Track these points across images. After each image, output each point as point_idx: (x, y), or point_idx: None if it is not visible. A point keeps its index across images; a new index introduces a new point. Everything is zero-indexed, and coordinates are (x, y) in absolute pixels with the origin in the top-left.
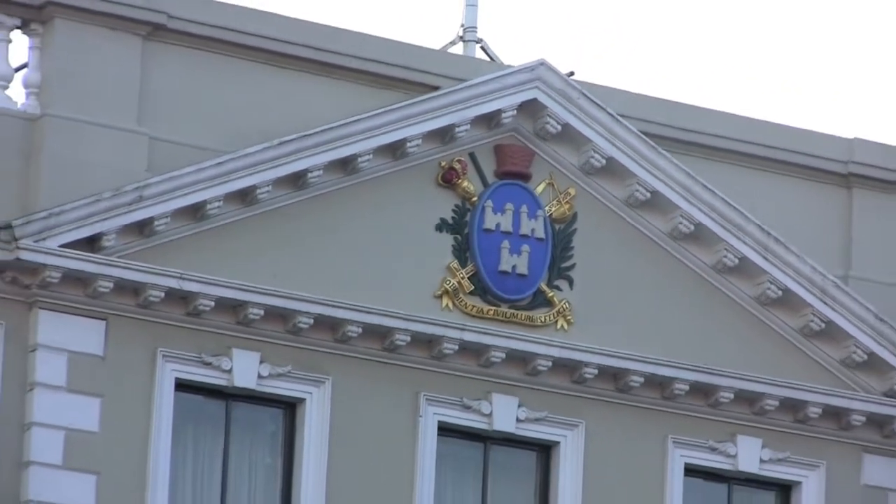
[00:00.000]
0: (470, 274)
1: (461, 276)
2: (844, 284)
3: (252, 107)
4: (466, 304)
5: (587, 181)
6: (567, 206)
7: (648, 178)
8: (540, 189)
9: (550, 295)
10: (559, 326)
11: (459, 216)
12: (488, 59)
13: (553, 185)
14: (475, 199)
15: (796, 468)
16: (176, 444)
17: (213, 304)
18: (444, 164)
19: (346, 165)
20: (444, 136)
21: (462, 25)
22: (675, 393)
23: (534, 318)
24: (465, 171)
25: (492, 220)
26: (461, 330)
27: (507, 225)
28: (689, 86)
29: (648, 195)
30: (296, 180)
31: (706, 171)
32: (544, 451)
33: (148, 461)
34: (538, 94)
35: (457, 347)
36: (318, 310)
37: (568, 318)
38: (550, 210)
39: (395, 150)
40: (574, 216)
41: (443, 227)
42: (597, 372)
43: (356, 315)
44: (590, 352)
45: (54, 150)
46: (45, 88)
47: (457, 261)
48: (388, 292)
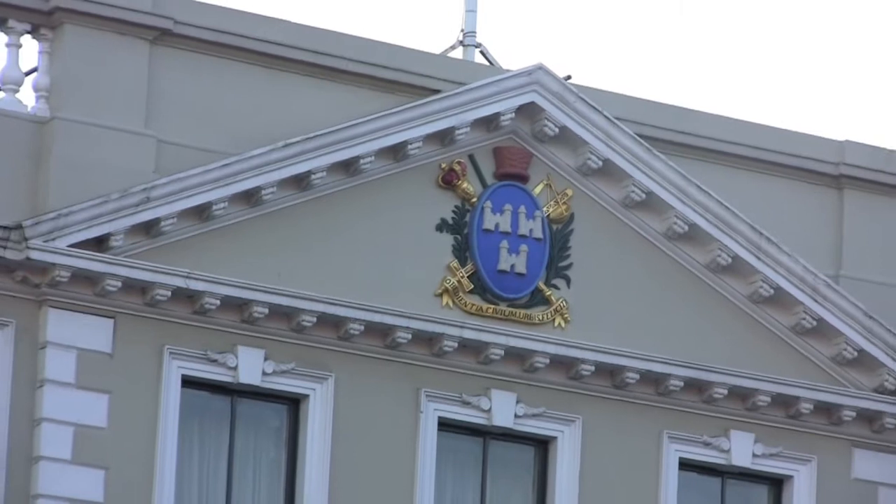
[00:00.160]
0: (469, 273)
1: (461, 275)
2: (835, 283)
3: (257, 110)
4: (466, 302)
5: (584, 182)
6: (564, 206)
7: (644, 179)
8: (538, 190)
9: (548, 293)
10: (557, 324)
11: (459, 217)
12: (487, 64)
13: (551, 187)
14: (475, 199)
15: (788, 462)
16: (182, 440)
17: (218, 302)
18: (444, 166)
19: (349, 167)
20: (444, 138)
21: (462, 30)
22: (669, 389)
23: (532, 316)
24: (465, 173)
25: (491, 221)
26: (461, 328)
27: (506, 225)
28: (684, 89)
29: (644, 196)
30: (300, 182)
31: (700, 173)
32: (542, 445)
33: (155, 456)
34: (536, 97)
35: (456, 345)
36: (322, 308)
37: (565, 316)
38: (548, 211)
39: (397, 152)
40: (571, 217)
41: (443, 227)
42: (593, 369)
43: (358, 313)
44: (586, 349)
45: (63, 152)
46: (54, 92)
47: (457, 260)
48: (390, 291)
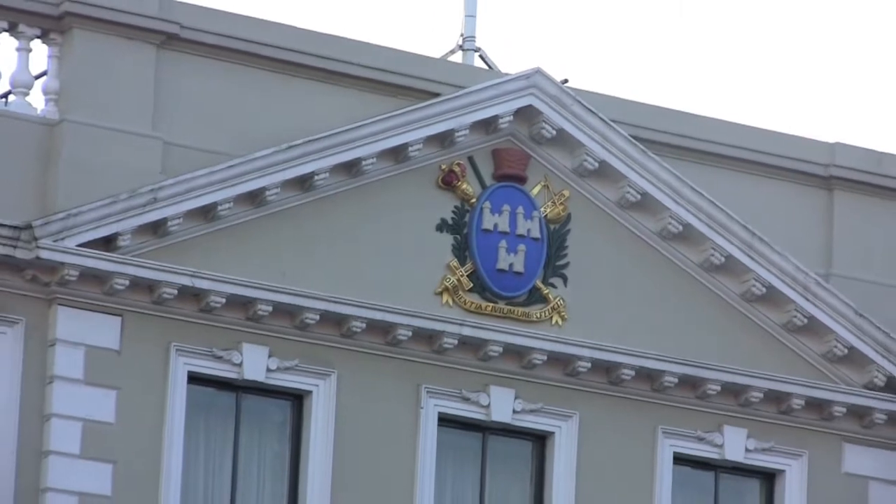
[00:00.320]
0: (469, 272)
1: (460, 273)
2: (826, 282)
3: (261, 112)
4: (465, 300)
5: (580, 183)
6: (561, 207)
7: (639, 180)
8: (535, 191)
9: (545, 292)
10: (554, 322)
11: (459, 217)
12: (486, 68)
13: (548, 188)
14: (474, 200)
15: (780, 457)
16: (188, 435)
17: (223, 300)
18: (444, 168)
19: (351, 168)
20: (444, 140)
21: (461, 35)
22: (664, 385)
23: (530, 314)
24: (464, 174)
25: (490, 221)
26: (460, 325)
27: (505, 225)
28: (678, 93)
29: (639, 197)
30: (303, 183)
31: (694, 174)
32: (540, 440)
33: (162, 450)
34: (534, 100)
35: (456, 342)
36: (325, 306)
37: (562, 314)
38: (545, 211)
39: (398, 153)
40: (568, 217)
41: (443, 227)
42: (590, 365)
43: (360, 311)
44: (583, 346)
45: (72, 154)
46: (63, 95)
47: (456, 259)
48: (391, 289)
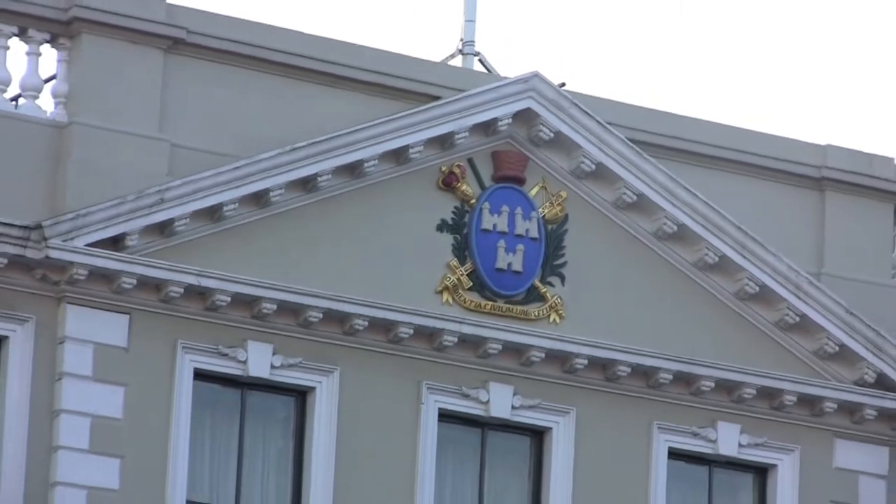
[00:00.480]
0: (468, 271)
1: (460, 273)
2: (817, 281)
3: (265, 115)
4: (465, 299)
5: (578, 185)
6: (559, 207)
7: (635, 181)
8: (534, 192)
9: (543, 291)
10: (552, 320)
11: (459, 217)
12: (485, 72)
13: (546, 189)
14: (473, 201)
15: (772, 452)
16: (195, 430)
17: (229, 299)
18: (444, 169)
19: (354, 170)
20: (444, 142)
21: (461, 40)
22: (659, 382)
23: (528, 312)
24: (464, 176)
25: (489, 221)
26: (460, 323)
27: (503, 225)
28: (673, 96)
29: (635, 198)
30: (306, 184)
31: (688, 176)
32: (538, 436)
33: (168, 445)
34: (532, 103)
35: (456, 339)
36: (327, 304)
37: (560, 312)
38: (543, 211)
39: (399, 155)
40: (565, 217)
41: (443, 227)
42: (587, 362)
43: (362, 309)
44: (580, 344)
45: (81, 155)
46: (72, 98)
47: (456, 259)
48: (393, 288)
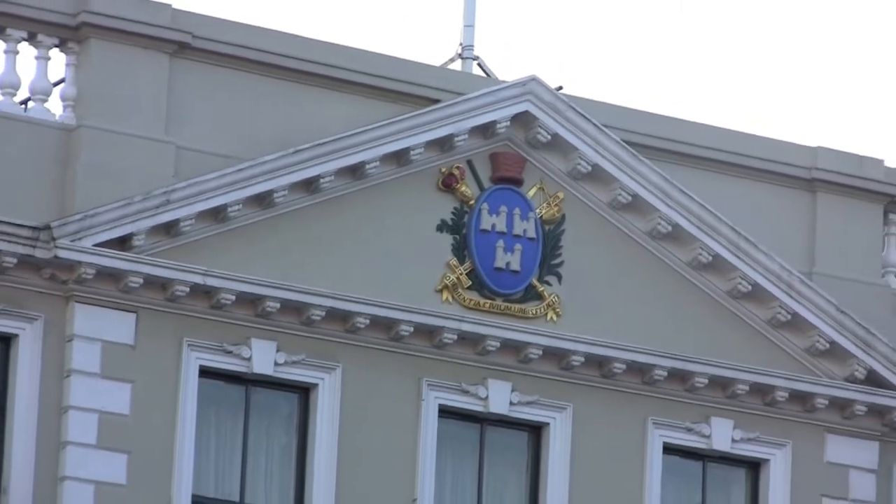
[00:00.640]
0: (468, 270)
1: (460, 272)
2: (809, 280)
3: (269, 118)
4: (464, 297)
5: (574, 186)
6: (556, 208)
7: (630, 182)
8: (531, 193)
9: (541, 289)
10: (549, 318)
11: (458, 218)
12: (484, 75)
13: (543, 190)
14: (472, 202)
15: (765, 447)
16: (200, 426)
17: (233, 298)
18: (443, 171)
19: (355, 172)
20: (443, 144)
21: (461, 44)
22: (654, 378)
23: (526, 310)
24: (463, 177)
25: (487, 222)
26: (460, 321)
27: (502, 226)
28: (667, 98)
29: (630, 199)
30: (309, 185)
31: (683, 177)
32: (535, 431)
33: (174, 441)
34: (530, 106)
35: (456, 337)
36: (330, 303)
37: (557, 310)
38: (541, 212)
39: (400, 157)
40: (562, 218)
41: (443, 227)
42: (583, 359)
43: (364, 308)
44: (577, 341)
45: (89, 157)
46: (80, 102)
47: (456, 258)
48: (394, 287)
